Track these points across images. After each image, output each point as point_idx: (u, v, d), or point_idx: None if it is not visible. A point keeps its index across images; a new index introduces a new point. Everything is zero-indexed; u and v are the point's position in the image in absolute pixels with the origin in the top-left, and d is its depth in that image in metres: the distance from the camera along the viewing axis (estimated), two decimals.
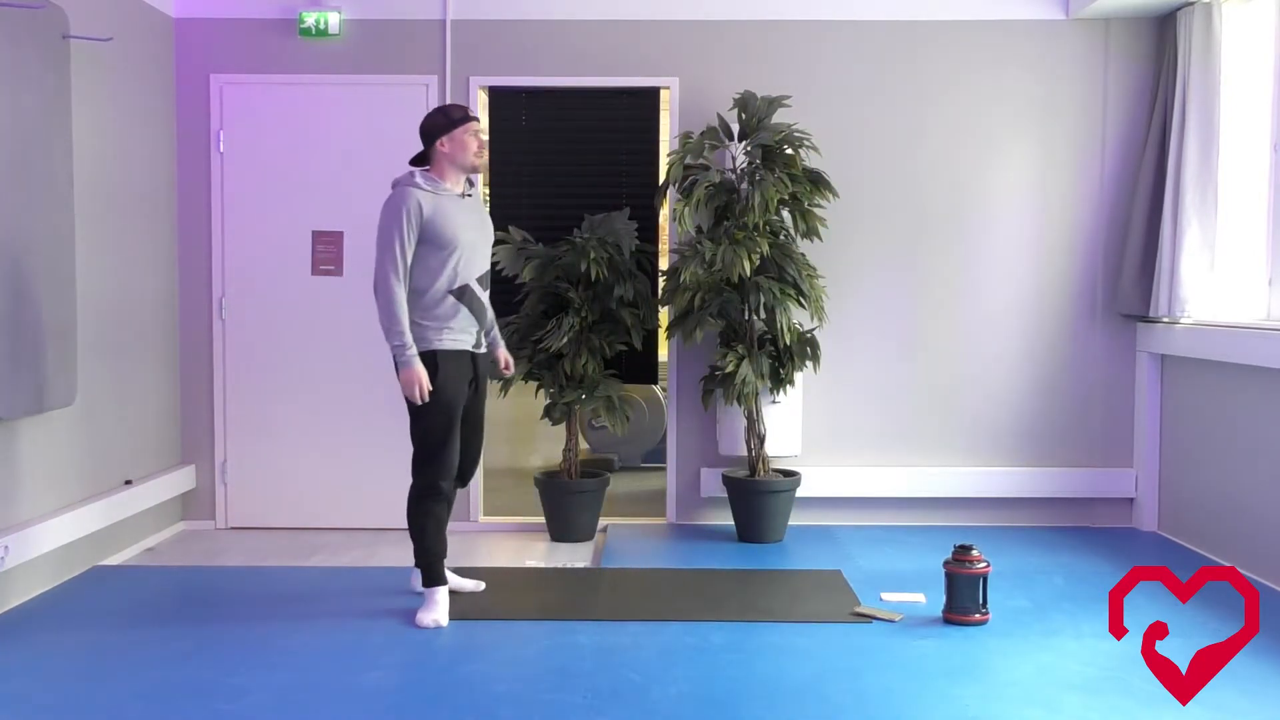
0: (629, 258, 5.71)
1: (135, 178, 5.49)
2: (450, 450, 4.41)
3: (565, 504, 5.70)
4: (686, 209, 5.41)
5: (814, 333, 5.67)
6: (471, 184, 4.55)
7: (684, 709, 3.48)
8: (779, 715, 3.43)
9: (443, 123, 4.38)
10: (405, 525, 4.53)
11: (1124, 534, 5.81)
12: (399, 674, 3.77)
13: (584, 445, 7.58)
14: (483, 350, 4.55)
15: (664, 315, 5.89)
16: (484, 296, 4.51)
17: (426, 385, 4.28)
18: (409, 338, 4.27)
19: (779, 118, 5.60)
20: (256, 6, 5.87)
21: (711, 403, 5.68)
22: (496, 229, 5.84)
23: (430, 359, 4.33)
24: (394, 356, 4.29)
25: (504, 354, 4.71)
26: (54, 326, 4.63)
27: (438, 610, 4.35)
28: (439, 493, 4.41)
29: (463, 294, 4.40)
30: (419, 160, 4.50)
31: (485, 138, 4.45)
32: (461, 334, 4.42)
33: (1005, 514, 5.98)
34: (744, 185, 5.48)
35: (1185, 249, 5.42)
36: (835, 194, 5.58)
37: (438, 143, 4.39)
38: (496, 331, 4.64)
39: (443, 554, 4.46)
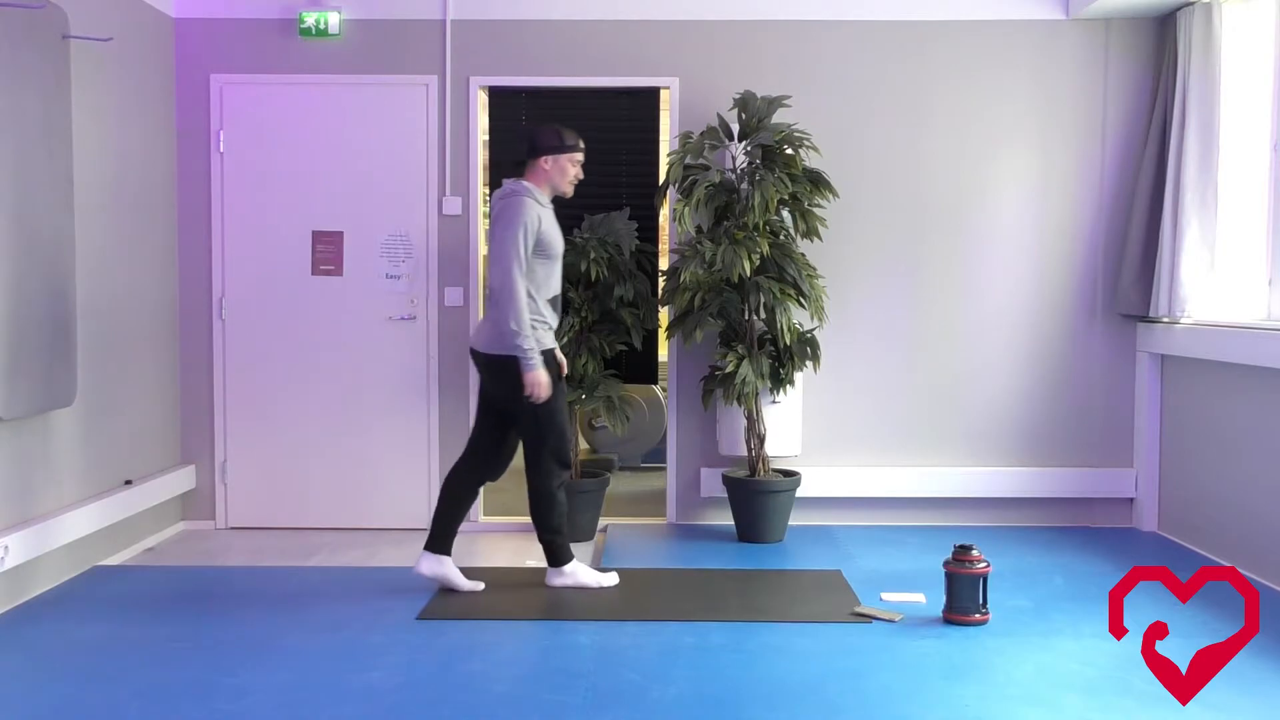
0: (629, 258, 5.71)
1: (135, 178, 5.49)
2: (568, 432, 4.78)
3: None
4: (686, 209, 5.41)
5: (814, 333, 5.66)
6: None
7: (684, 709, 3.48)
8: (779, 715, 3.43)
9: (555, 143, 4.65)
10: (427, 524, 4.63)
11: (1124, 534, 5.81)
12: (399, 674, 3.77)
13: (584, 445, 7.58)
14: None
15: (664, 315, 5.89)
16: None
17: (549, 386, 4.54)
18: (534, 341, 4.52)
19: (779, 118, 5.60)
20: (256, 6, 5.87)
21: (711, 403, 5.68)
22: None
23: (549, 357, 4.63)
24: (520, 358, 4.50)
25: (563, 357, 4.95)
26: (54, 326, 4.64)
27: (594, 575, 4.78)
28: (568, 469, 4.79)
29: (555, 302, 4.71)
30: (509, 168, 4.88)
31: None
32: (550, 335, 4.72)
33: (1005, 514, 5.98)
34: (744, 185, 5.48)
35: (1185, 249, 5.42)
36: (835, 194, 5.58)
37: (542, 159, 4.65)
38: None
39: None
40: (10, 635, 4.18)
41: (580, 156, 4.73)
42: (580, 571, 4.80)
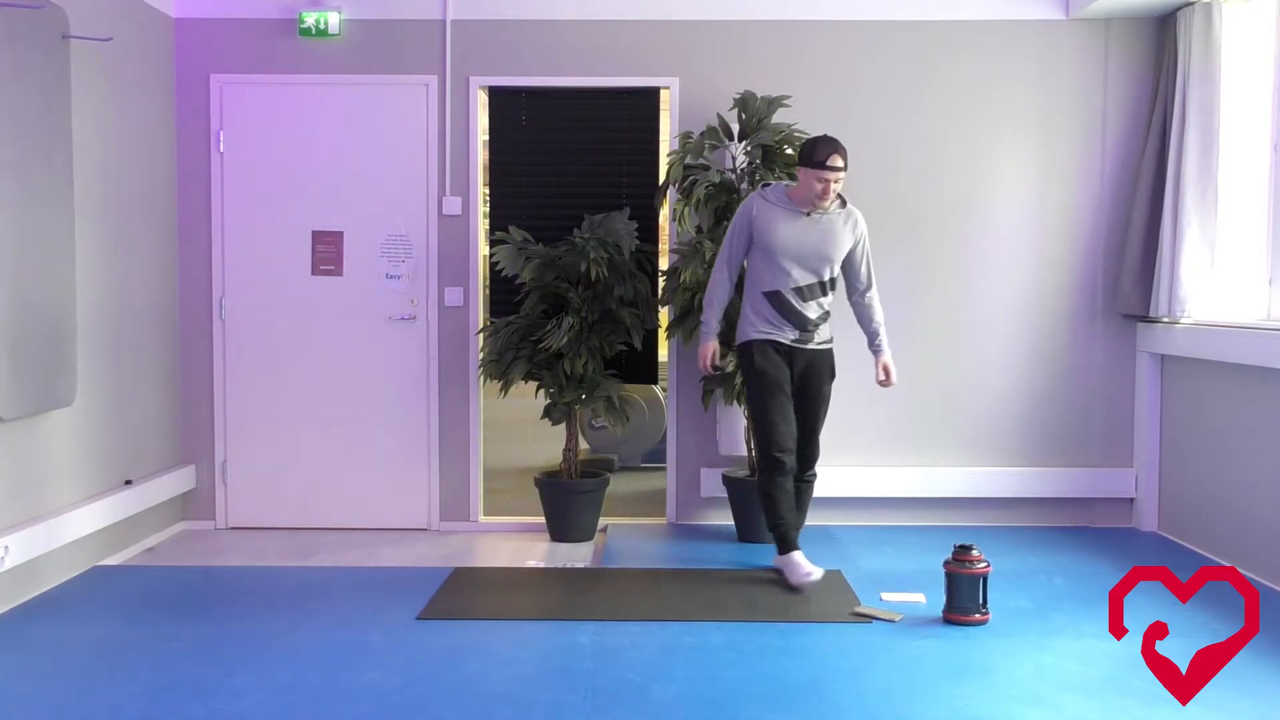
0: (629, 258, 5.71)
1: (135, 178, 5.49)
2: (773, 425, 4.83)
3: (565, 504, 5.70)
4: (686, 209, 5.41)
5: None
6: (844, 202, 4.90)
7: (684, 709, 3.48)
8: (779, 715, 3.44)
9: (804, 156, 4.75)
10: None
11: (1124, 534, 5.81)
12: (399, 674, 3.77)
13: (584, 445, 7.58)
14: (809, 346, 4.92)
15: (664, 315, 5.89)
16: (805, 303, 4.85)
17: (709, 360, 4.96)
18: (711, 319, 4.96)
19: (779, 118, 5.60)
20: (256, 6, 5.87)
21: (711, 403, 5.68)
22: (496, 229, 5.87)
23: (746, 348, 4.90)
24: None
25: (883, 361, 5.04)
26: (54, 326, 4.64)
27: (800, 570, 4.74)
28: (779, 464, 4.81)
29: (774, 297, 4.84)
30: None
31: (838, 185, 4.76)
32: (771, 328, 4.87)
33: (1005, 514, 5.98)
34: (744, 185, 5.48)
35: (1185, 249, 5.42)
36: None
37: (800, 168, 4.80)
38: (881, 339, 5.05)
39: (793, 523, 4.88)
40: (10, 635, 4.18)
41: (826, 174, 4.66)
42: (796, 562, 4.79)
